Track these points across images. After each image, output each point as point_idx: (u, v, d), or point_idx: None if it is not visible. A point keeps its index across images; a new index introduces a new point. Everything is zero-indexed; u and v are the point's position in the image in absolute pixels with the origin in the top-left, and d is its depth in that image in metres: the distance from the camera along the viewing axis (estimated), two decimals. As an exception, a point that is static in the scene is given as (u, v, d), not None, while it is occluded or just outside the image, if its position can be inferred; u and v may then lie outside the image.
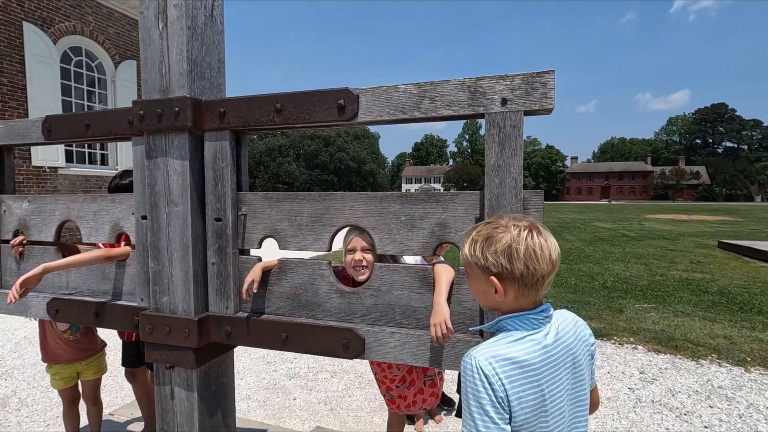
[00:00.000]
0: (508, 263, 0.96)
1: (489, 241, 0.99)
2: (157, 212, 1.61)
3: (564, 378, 1.01)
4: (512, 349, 0.97)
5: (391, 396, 2.15)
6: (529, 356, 0.97)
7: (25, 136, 1.98)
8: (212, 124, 1.55)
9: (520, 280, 0.97)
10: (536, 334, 0.99)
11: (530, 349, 0.97)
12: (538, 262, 0.96)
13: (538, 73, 1.19)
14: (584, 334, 1.09)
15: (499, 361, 0.95)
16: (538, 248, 0.96)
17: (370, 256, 1.61)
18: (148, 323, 1.61)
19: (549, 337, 1.00)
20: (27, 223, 2.05)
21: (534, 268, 0.96)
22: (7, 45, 8.16)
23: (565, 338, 1.03)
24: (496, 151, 1.23)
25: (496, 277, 0.99)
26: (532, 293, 0.99)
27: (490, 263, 0.99)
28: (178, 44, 1.54)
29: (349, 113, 1.37)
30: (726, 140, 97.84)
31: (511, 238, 0.97)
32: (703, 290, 6.98)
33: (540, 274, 0.97)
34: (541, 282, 0.98)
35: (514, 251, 0.96)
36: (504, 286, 0.99)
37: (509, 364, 0.95)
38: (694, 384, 3.78)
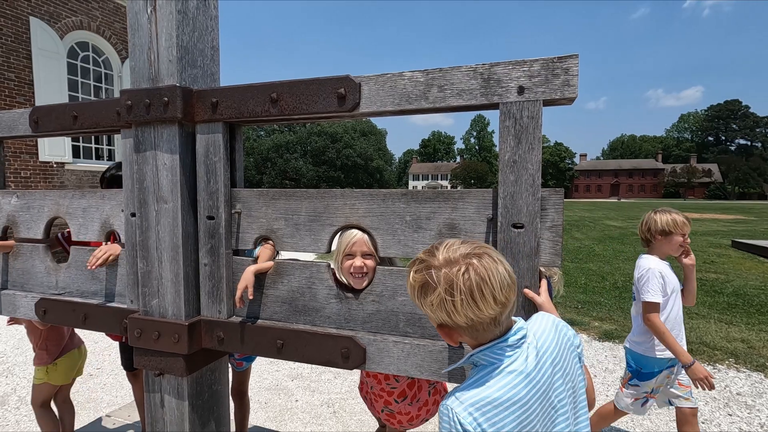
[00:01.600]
0: (449, 317, 0.85)
1: (423, 289, 0.87)
2: (146, 209, 1.51)
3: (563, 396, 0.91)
4: (491, 390, 0.85)
5: (390, 411, 1.94)
6: (512, 392, 0.85)
7: (12, 128, 1.89)
8: (204, 115, 1.44)
9: (468, 329, 0.86)
10: (514, 363, 0.87)
11: (512, 383, 0.85)
12: (479, 309, 0.83)
13: (560, 58, 1.06)
14: (568, 338, 0.98)
15: (479, 408, 0.83)
16: (476, 292, 0.82)
17: (371, 262, 1.45)
18: (137, 327, 1.51)
19: (530, 360, 0.88)
20: (16, 220, 1.97)
21: (477, 317, 0.83)
22: (14, 40, 8.14)
23: (548, 354, 0.91)
24: (511, 145, 1.11)
25: (442, 328, 0.89)
26: (489, 334, 0.88)
27: (431, 316, 0.89)
28: (167, 29, 1.43)
29: (350, 103, 1.25)
30: (739, 138, 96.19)
31: (444, 286, 0.83)
32: (717, 291, 6.78)
33: (488, 319, 0.85)
34: (494, 323, 0.86)
35: (450, 303, 0.83)
36: (454, 335, 0.90)
37: (491, 408, 0.83)
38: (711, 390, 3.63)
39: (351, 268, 1.44)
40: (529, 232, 1.11)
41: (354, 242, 1.45)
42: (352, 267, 1.43)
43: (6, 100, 8.03)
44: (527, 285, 1.13)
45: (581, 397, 0.97)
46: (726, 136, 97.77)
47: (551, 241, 1.12)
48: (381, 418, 2.02)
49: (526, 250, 1.11)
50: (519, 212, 1.11)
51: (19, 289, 1.97)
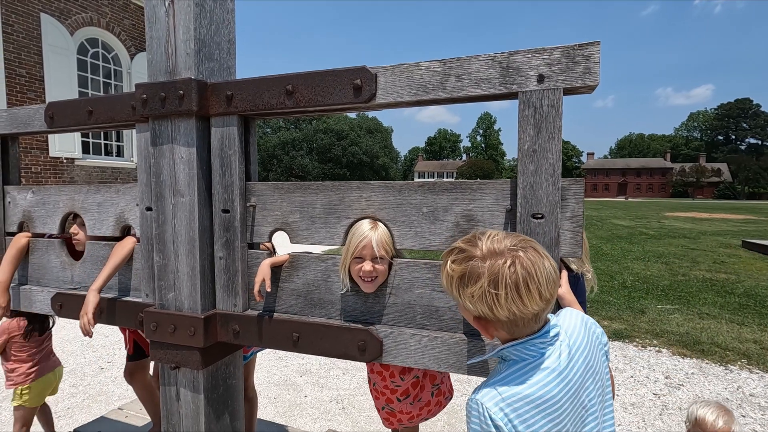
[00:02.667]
0: (490, 311, 0.82)
1: (463, 280, 0.84)
2: (163, 203, 1.52)
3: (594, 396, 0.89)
4: (524, 386, 0.82)
5: (390, 409, 1.91)
6: (545, 389, 0.82)
7: (28, 124, 1.91)
8: (219, 108, 1.45)
9: (508, 324, 0.84)
10: (548, 360, 0.85)
11: (545, 380, 0.83)
12: (523, 305, 0.80)
13: (581, 45, 1.05)
14: (596, 336, 0.96)
15: (511, 404, 0.81)
16: (522, 286, 0.79)
17: (381, 266, 1.31)
18: (153, 321, 1.52)
19: (563, 358, 0.86)
20: (31, 215, 1.98)
21: (521, 312, 0.80)
22: (25, 36, 8.22)
23: (580, 352, 0.88)
24: (531, 135, 1.10)
25: (479, 321, 0.86)
26: (527, 329, 0.85)
27: (469, 308, 0.85)
28: (185, 22, 1.44)
29: (367, 94, 1.25)
30: (750, 137, 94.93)
31: (489, 279, 0.80)
32: (728, 291, 6.71)
33: (530, 314, 0.82)
34: (536, 318, 0.84)
35: (493, 297, 0.80)
36: (490, 329, 0.87)
37: (524, 404, 0.81)
38: (723, 391, 3.59)
39: (360, 272, 1.32)
40: (550, 223, 1.10)
41: (364, 245, 1.29)
42: (361, 271, 1.31)
43: (17, 96, 8.12)
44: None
45: (608, 396, 0.95)
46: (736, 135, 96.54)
47: (571, 231, 1.10)
48: (381, 416, 1.99)
49: (546, 240, 1.10)
50: (539, 202, 1.10)
51: (35, 284, 1.99)
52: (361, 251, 1.30)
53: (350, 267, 1.35)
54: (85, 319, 1.55)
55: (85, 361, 4.19)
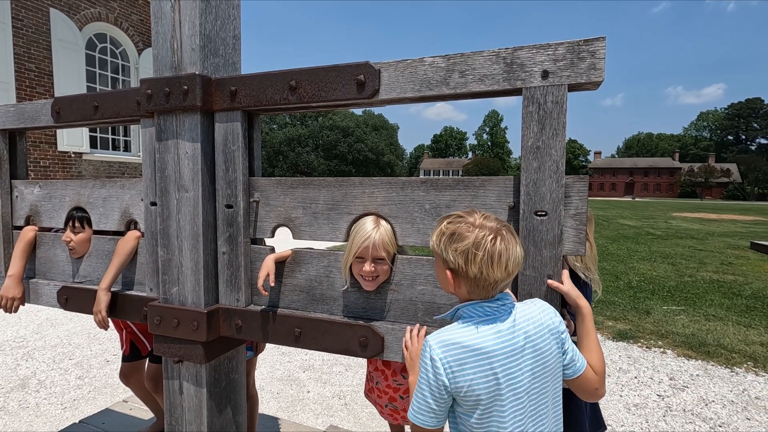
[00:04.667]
0: (464, 264, 1.00)
1: (453, 237, 1.02)
2: (167, 198, 1.53)
3: (523, 366, 1.01)
4: (465, 335, 1.01)
5: (394, 407, 1.91)
6: (480, 340, 0.99)
7: (35, 119, 1.92)
8: (223, 103, 1.45)
9: (473, 281, 1.01)
10: (490, 320, 1.02)
11: (482, 334, 1.00)
12: (492, 270, 0.98)
13: (586, 41, 1.04)
14: (551, 322, 1.07)
15: (448, 346, 1.00)
16: (496, 256, 0.98)
17: (382, 267, 1.31)
18: (157, 315, 1.53)
19: (505, 323, 1.02)
20: (38, 209, 2.00)
21: (487, 274, 0.99)
22: (34, 31, 8.29)
23: (522, 325, 1.03)
24: (534, 131, 1.09)
25: (452, 272, 1.03)
26: (483, 292, 1.03)
27: (449, 259, 1.02)
28: (190, 17, 1.44)
29: (370, 90, 1.24)
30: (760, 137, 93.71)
31: (473, 241, 0.99)
32: (735, 293, 6.63)
33: (492, 279, 1.00)
34: (493, 286, 1.01)
35: (472, 254, 0.99)
36: (457, 282, 1.04)
37: (460, 348, 0.99)
38: (728, 393, 3.56)
39: (361, 272, 1.32)
40: (553, 220, 1.09)
41: (366, 245, 1.29)
42: (362, 271, 1.32)
43: (26, 90, 8.20)
44: (550, 274, 1.11)
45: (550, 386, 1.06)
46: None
47: (575, 229, 1.10)
48: (383, 413, 2.00)
49: (549, 238, 1.09)
50: (542, 199, 1.09)
51: (42, 277, 2.01)
52: (363, 251, 1.29)
53: (352, 265, 1.35)
54: (99, 317, 1.70)
55: (92, 354, 4.24)
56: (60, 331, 4.84)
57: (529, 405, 1.02)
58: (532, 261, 1.13)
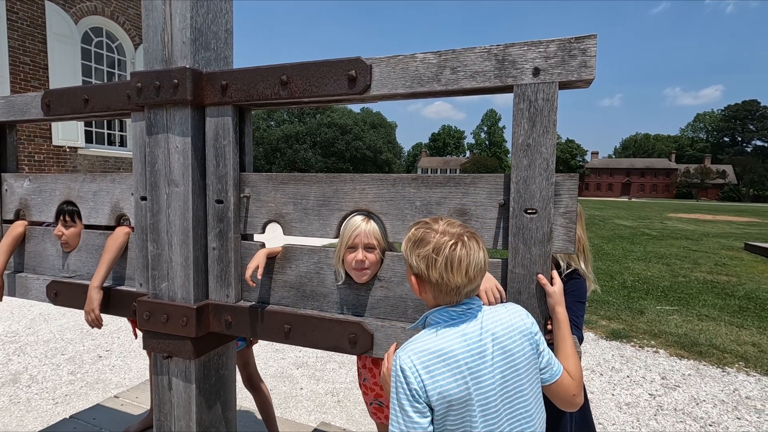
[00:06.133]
0: (426, 270, 1.01)
1: (418, 243, 1.03)
2: (157, 193, 1.51)
3: (493, 368, 1.00)
4: (431, 341, 1.00)
5: (379, 403, 1.90)
6: (447, 345, 0.99)
7: (25, 111, 1.90)
8: (213, 98, 1.44)
9: (436, 286, 1.01)
10: (457, 326, 1.02)
11: (449, 338, 1.00)
12: (451, 274, 0.98)
13: (577, 39, 1.03)
14: (521, 324, 1.06)
15: (417, 353, 0.99)
16: (456, 262, 0.98)
17: (373, 256, 1.33)
18: (146, 310, 1.52)
19: (473, 327, 1.02)
20: (28, 203, 1.98)
21: (448, 279, 0.99)
22: (29, 24, 8.22)
23: (489, 327, 1.02)
24: (525, 129, 1.08)
25: (416, 277, 1.04)
26: (447, 297, 1.02)
27: (413, 264, 1.04)
28: (181, 10, 1.42)
29: (361, 85, 1.23)
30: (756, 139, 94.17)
31: (434, 246, 1.00)
32: (729, 294, 6.67)
33: (453, 284, 0.99)
34: (455, 291, 1.01)
35: (433, 260, 1.00)
36: (422, 287, 1.05)
37: (427, 354, 0.98)
38: (719, 393, 3.58)
39: (353, 262, 1.33)
40: (542, 218, 1.09)
41: (356, 234, 1.33)
42: (353, 260, 1.33)
43: (21, 83, 8.13)
44: (539, 271, 1.11)
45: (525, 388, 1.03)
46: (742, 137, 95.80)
47: (564, 227, 1.09)
48: (369, 410, 2.00)
49: (538, 235, 1.09)
50: (532, 197, 1.09)
51: (31, 271, 1.99)
52: (355, 240, 1.33)
53: (344, 258, 1.36)
54: (92, 316, 1.68)
55: (84, 349, 4.22)
56: (53, 326, 4.82)
57: (503, 407, 1.00)
58: (521, 259, 1.13)
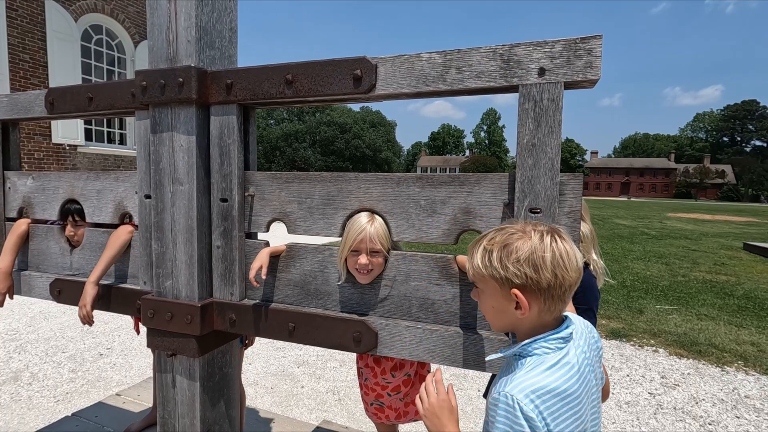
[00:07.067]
0: (534, 273, 0.86)
1: (507, 249, 0.88)
2: (162, 191, 1.52)
3: (595, 400, 0.93)
4: (551, 379, 0.85)
5: (380, 404, 1.90)
6: (569, 383, 0.85)
7: (29, 110, 1.90)
8: (218, 96, 1.44)
9: (547, 291, 0.87)
10: (567, 356, 0.89)
11: (568, 374, 0.86)
12: (566, 270, 0.86)
13: (583, 39, 1.04)
14: (595, 340, 1.01)
15: (540, 396, 0.83)
16: (565, 254, 0.86)
17: (378, 260, 1.31)
18: (150, 308, 1.53)
19: (578, 354, 0.91)
20: (31, 201, 1.99)
21: (563, 277, 0.86)
22: (29, 21, 8.20)
23: (587, 353, 0.94)
24: (530, 128, 1.09)
25: (520, 289, 0.88)
26: (557, 306, 0.90)
27: (512, 274, 0.87)
28: (186, 9, 1.43)
29: (366, 85, 1.24)
30: (755, 139, 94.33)
31: (534, 245, 0.87)
32: (728, 293, 6.70)
33: (568, 283, 0.87)
34: (568, 292, 0.89)
35: (540, 259, 0.86)
36: (528, 300, 0.88)
37: (552, 397, 0.83)
38: (719, 392, 3.60)
39: (356, 265, 1.32)
40: (547, 217, 1.09)
41: (361, 238, 1.29)
42: (357, 264, 1.31)
43: (21, 81, 8.12)
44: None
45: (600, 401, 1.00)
46: (741, 137, 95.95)
47: (569, 226, 1.10)
48: (368, 411, 1.99)
49: (543, 236, 1.10)
50: (537, 197, 1.10)
51: (34, 269, 1.99)
52: (359, 244, 1.29)
53: (347, 259, 1.35)
54: (84, 311, 1.66)
55: (85, 347, 4.22)
56: (53, 324, 4.82)
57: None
58: (526, 258, 1.13)
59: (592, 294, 1.60)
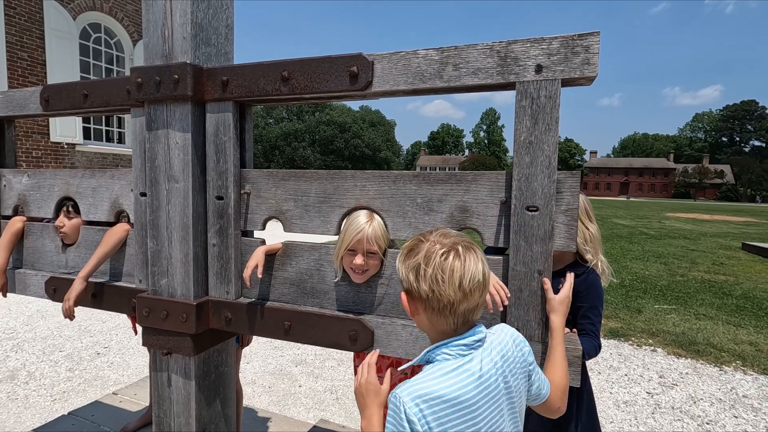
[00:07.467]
0: (415, 282, 0.90)
1: (409, 253, 0.93)
2: (157, 189, 1.51)
3: (503, 409, 0.91)
4: (443, 385, 0.86)
5: None
6: (463, 391, 0.86)
7: (24, 106, 1.89)
8: (214, 93, 1.43)
9: (427, 302, 0.89)
10: (468, 363, 0.89)
11: (463, 382, 0.87)
12: (443, 288, 0.87)
13: (580, 36, 1.03)
14: (523, 355, 0.98)
15: (426, 401, 0.84)
16: (447, 273, 0.87)
17: (373, 261, 1.30)
18: (145, 306, 1.52)
19: (484, 364, 0.90)
20: (26, 199, 1.98)
21: (440, 293, 0.87)
22: (27, 19, 8.17)
23: (500, 364, 0.92)
24: (527, 126, 1.08)
25: (406, 293, 0.94)
26: (442, 320, 0.90)
27: (403, 277, 0.93)
28: (182, 5, 1.42)
29: (363, 82, 1.23)
30: (754, 139, 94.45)
31: (425, 256, 0.90)
32: (726, 293, 6.70)
33: (446, 300, 0.87)
34: (449, 309, 0.88)
35: (422, 271, 0.89)
36: (413, 305, 0.93)
37: (439, 403, 0.84)
38: (717, 392, 3.60)
39: (351, 264, 1.31)
40: (544, 215, 1.09)
41: (358, 239, 1.28)
42: (352, 264, 1.31)
43: (19, 79, 8.09)
44: (540, 269, 1.11)
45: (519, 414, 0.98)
46: (740, 137, 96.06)
47: (566, 224, 1.09)
48: None
49: (540, 233, 1.09)
50: (534, 195, 1.09)
51: (30, 267, 1.98)
52: (356, 244, 1.29)
53: (343, 258, 1.34)
54: (66, 305, 1.65)
55: (82, 346, 4.21)
56: (50, 322, 4.81)
57: None
58: (522, 256, 1.13)
59: (597, 293, 1.62)
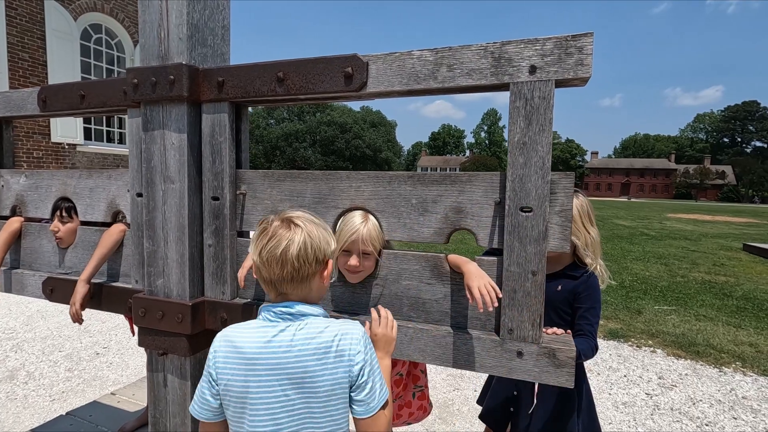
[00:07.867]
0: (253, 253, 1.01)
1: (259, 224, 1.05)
2: (153, 189, 1.51)
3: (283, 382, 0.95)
4: (239, 333, 1.00)
5: None
6: (247, 344, 0.97)
7: (22, 107, 1.89)
8: (210, 94, 1.43)
9: (258, 270, 1.00)
10: (265, 328, 0.99)
11: (253, 338, 0.98)
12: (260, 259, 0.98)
13: (574, 36, 1.03)
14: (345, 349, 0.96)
15: (223, 340, 1.01)
16: (270, 244, 0.97)
17: (368, 262, 1.31)
18: (141, 306, 1.52)
19: (283, 335, 0.97)
20: (24, 199, 1.98)
21: (261, 263, 0.98)
22: (28, 20, 8.19)
23: (300, 346, 0.96)
24: (521, 127, 1.08)
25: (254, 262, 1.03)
26: (270, 289, 1.02)
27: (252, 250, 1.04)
28: (178, 6, 1.42)
29: (357, 83, 1.23)
30: (756, 140, 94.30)
31: (260, 228, 1.01)
32: (726, 294, 6.68)
33: (266, 274, 0.98)
34: (268, 282, 1.00)
35: (254, 240, 1.01)
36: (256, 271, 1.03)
37: (229, 345, 0.99)
38: (716, 393, 3.59)
39: (346, 265, 1.31)
40: (538, 216, 1.08)
41: (353, 239, 1.28)
42: (347, 264, 1.31)
43: (20, 80, 8.11)
44: (534, 270, 1.11)
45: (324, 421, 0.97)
46: (742, 138, 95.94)
47: (560, 225, 1.09)
48: None
49: (534, 234, 1.09)
50: (527, 195, 1.09)
51: (27, 268, 1.99)
52: (351, 245, 1.29)
53: (338, 258, 1.34)
54: (73, 309, 1.66)
55: (81, 346, 4.21)
56: (50, 323, 4.81)
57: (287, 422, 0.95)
58: (516, 257, 1.13)
59: (596, 295, 1.65)
